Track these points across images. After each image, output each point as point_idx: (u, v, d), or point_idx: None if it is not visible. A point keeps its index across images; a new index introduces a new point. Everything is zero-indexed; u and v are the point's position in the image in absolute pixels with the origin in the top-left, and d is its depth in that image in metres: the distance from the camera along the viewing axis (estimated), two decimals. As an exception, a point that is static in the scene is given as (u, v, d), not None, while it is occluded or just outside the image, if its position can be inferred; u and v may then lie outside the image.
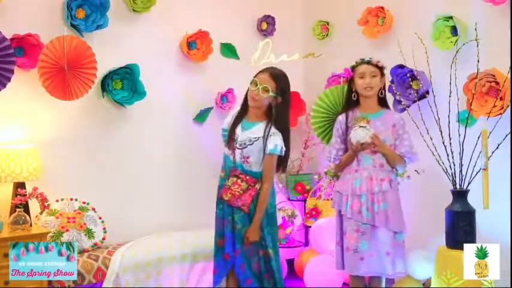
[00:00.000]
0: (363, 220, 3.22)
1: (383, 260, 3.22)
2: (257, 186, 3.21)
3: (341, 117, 3.42)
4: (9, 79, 3.46)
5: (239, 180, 3.20)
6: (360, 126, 3.20)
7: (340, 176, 3.43)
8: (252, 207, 3.20)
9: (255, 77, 3.25)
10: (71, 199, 3.70)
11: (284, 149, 3.23)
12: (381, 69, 3.33)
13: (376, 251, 3.22)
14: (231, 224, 3.22)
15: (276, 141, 3.20)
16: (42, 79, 3.52)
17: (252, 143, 3.21)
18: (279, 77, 3.24)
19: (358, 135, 3.19)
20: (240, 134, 3.26)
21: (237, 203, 3.19)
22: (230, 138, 3.28)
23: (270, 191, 3.26)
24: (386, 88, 3.74)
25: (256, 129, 3.26)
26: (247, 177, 3.21)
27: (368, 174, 3.27)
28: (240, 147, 3.23)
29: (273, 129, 3.22)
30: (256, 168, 3.23)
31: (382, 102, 3.40)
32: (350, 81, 3.40)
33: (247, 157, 3.22)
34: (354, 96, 3.37)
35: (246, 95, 3.31)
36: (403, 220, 3.30)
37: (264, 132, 3.22)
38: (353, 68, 3.36)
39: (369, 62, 3.32)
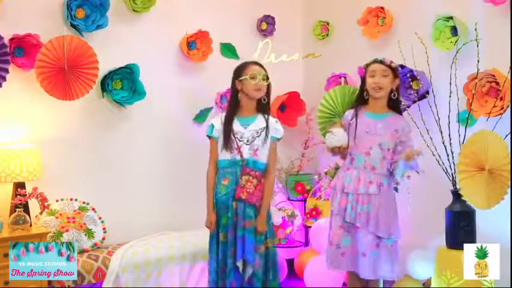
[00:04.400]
0: (346, 218, 3.25)
1: (360, 261, 3.23)
2: (263, 180, 3.27)
3: (347, 113, 3.43)
4: (4, 78, 3.47)
5: (250, 177, 3.23)
6: (328, 131, 3.26)
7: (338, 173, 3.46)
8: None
9: (241, 72, 3.28)
10: (71, 199, 3.70)
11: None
12: (393, 70, 3.28)
13: (356, 250, 3.24)
14: (243, 223, 3.22)
15: (279, 127, 3.35)
16: (40, 78, 3.52)
17: (259, 135, 3.28)
18: (262, 65, 3.35)
19: (327, 140, 3.28)
20: (243, 130, 3.27)
21: (252, 200, 3.22)
22: (230, 140, 3.26)
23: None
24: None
25: (257, 121, 3.31)
26: (257, 173, 3.24)
27: (357, 174, 3.27)
28: (248, 143, 3.25)
29: (271, 118, 3.35)
30: (263, 159, 3.29)
31: (393, 105, 3.35)
32: (363, 80, 3.37)
33: (256, 149, 3.26)
34: (366, 95, 3.34)
35: (235, 93, 3.32)
36: (393, 225, 3.25)
37: (267, 121, 3.31)
38: (366, 66, 3.33)
39: (381, 62, 3.28)
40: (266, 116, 3.33)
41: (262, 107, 3.33)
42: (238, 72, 3.32)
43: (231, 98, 3.37)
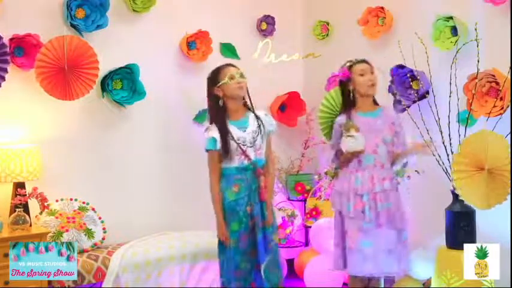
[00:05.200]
0: (366, 220, 3.21)
1: (388, 259, 3.21)
2: (266, 175, 3.29)
3: (339, 119, 3.39)
4: (3, 78, 3.47)
5: (262, 177, 3.24)
6: (348, 136, 3.20)
7: (340, 176, 3.42)
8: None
9: (217, 78, 3.23)
10: (71, 199, 3.70)
11: None
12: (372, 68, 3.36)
13: (380, 250, 3.21)
14: (261, 224, 3.21)
15: (272, 121, 3.35)
16: (39, 78, 3.53)
17: (258, 133, 3.26)
18: (233, 64, 3.33)
19: (347, 145, 3.20)
20: (244, 134, 3.23)
21: (265, 197, 3.24)
22: (233, 147, 3.20)
23: None
24: (386, 88, 3.76)
25: (251, 121, 3.28)
26: (262, 170, 3.26)
27: (369, 173, 3.26)
28: (251, 145, 3.23)
29: (261, 113, 3.33)
30: (263, 155, 3.29)
31: (375, 101, 3.40)
32: (346, 82, 3.36)
33: (259, 148, 3.25)
34: (352, 97, 3.34)
35: (215, 101, 3.25)
36: (406, 218, 3.31)
37: (258, 118, 3.29)
38: (350, 67, 3.34)
39: (365, 61, 3.34)
40: (255, 112, 3.30)
41: (247, 104, 3.31)
42: (214, 79, 3.25)
43: (215, 106, 3.25)
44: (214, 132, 3.21)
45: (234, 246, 3.19)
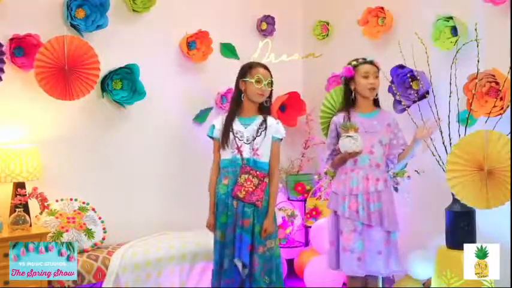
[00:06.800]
0: (359, 220, 3.23)
1: (376, 260, 3.23)
2: (266, 180, 3.26)
3: (336, 118, 3.40)
4: (0, 78, 3.47)
5: (250, 177, 3.23)
6: (347, 136, 3.17)
7: (336, 176, 3.43)
8: (265, 202, 3.25)
9: (247, 73, 3.28)
10: (71, 199, 3.70)
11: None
12: (379, 70, 3.36)
13: (370, 250, 3.24)
14: (241, 222, 3.21)
15: (281, 130, 3.34)
16: (38, 78, 3.52)
17: (260, 134, 3.27)
18: (269, 70, 3.35)
19: (346, 145, 3.18)
20: (243, 129, 3.28)
21: (251, 199, 3.21)
22: (229, 139, 3.27)
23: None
24: (386, 88, 3.76)
25: (257, 121, 3.31)
26: (258, 172, 3.24)
27: (364, 173, 3.28)
28: (248, 142, 3.26)
29: (272, 119, 3.35)
30: (264, 158, 3.28)
31: (376, 103, 3.41)
32: (349, 80, 3.37)
33: (257, 149, 3.26)
34: (353, 96, 3.35)
35: (238, 94, 3.32)
36: (397, 220, 3.31)
37: (266, 122, 3.30)
38: (355, 66, 3.34)
39: (371, 62, 3.33)
40: (265, 116, 3.32)
41: (264, 109, 3.34)
42: (244, 72, 3.31)
43: (234, 97, 3.37)
44: (217, 121, 3.35)
45: (220, 240, 3.24)
